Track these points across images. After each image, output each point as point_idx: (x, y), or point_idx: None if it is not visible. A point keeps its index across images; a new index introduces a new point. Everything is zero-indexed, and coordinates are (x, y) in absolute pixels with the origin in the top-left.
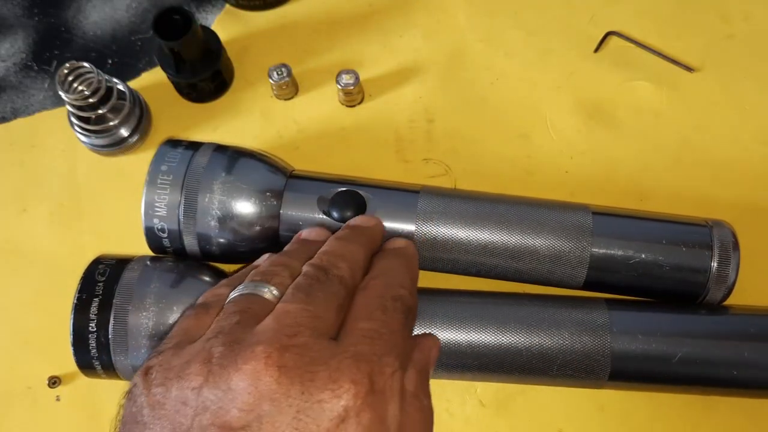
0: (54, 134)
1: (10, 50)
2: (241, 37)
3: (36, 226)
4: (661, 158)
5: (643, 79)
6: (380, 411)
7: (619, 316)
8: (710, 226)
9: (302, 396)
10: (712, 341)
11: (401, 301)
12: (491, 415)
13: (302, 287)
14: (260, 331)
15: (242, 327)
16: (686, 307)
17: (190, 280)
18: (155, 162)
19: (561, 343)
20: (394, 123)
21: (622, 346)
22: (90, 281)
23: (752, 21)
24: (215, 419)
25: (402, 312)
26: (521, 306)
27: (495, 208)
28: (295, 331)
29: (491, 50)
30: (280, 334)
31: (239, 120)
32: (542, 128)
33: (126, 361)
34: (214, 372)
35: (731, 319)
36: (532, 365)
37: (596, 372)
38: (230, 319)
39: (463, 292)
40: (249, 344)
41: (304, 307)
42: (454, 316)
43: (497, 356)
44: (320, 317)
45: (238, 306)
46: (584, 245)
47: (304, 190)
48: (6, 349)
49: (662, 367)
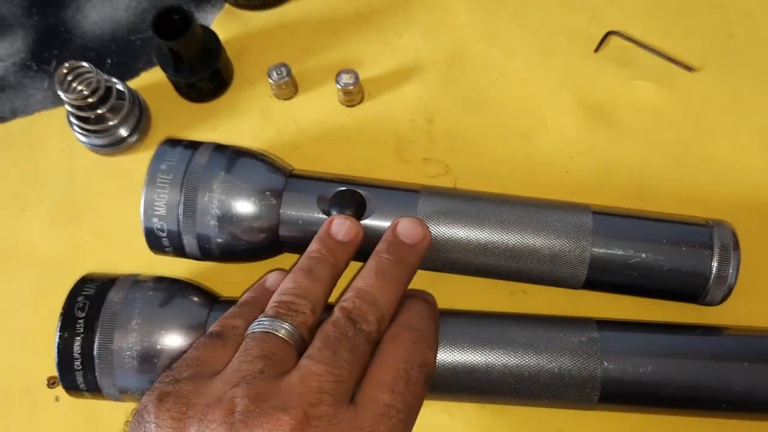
0: (53, 134)
1: (10, 50)
2: (240, 37)
3: (35, 226)
4: (661, 158)
5: (643, 79)
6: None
7: (610, 337)
8: (711, 226)
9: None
10: (706, 362)
11: (425, 370)
12: (491, 416)
13: (330, 343)
14: (285, 390)
15: (266, 378)
16: (678, 328)
17: (177, 300)
18: (154, 161)
19: (550, 366)
20: (394, 123)
21: (612, 368)
22: (74, 302)
23: (753, 21)
24: None
25: (423, 382)
26: (510, 327)
27: (495, 207)
28: (319, 399)
29: (491, 50)
30: (304, 401)
31: (238, 120)
32: (542, 128)
33: (111, 382)
34: (236, 428)
35: (724, 340)
36: (520, 386)
37: (586, 394)
38: (253, 365)
39: (453, 312)
40: (274, 407)
41: (330, 369)
42: (443, 338)
43: (486, 379)
44: (343, 381)
45: (260, 349)
46: (584, 245)
47: (304, 190)
48: (5, 350)
49: (654, 390)
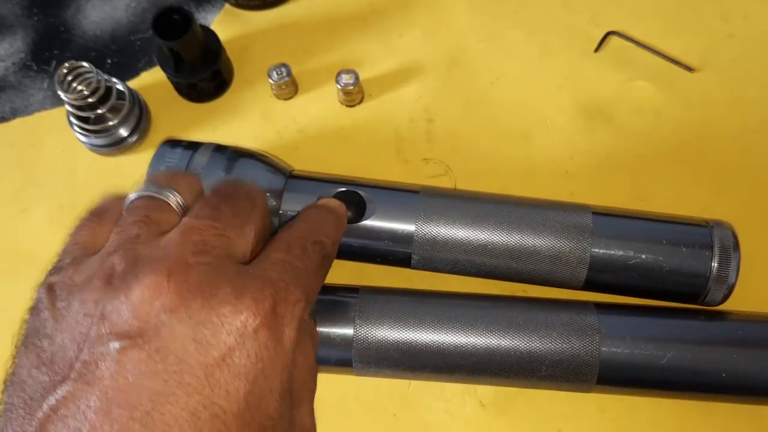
0: (53, 134)
1: (10, 50)
2: (240, 37)
3: (35, 227)
4: (661, 158)
5: (643, 79)
6: (278, 332)
7: (609, 320)
8: (710, 227)
9: (202, 309)
10: (702, 346)
11: (321, 246)
12: (491, 416)
13: (210, 202)
14: (164, 245)
15: (144, 241)
16: (677, 311)
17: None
18: (154, 162)
19: (549, 345)
20: (394, 123)
21: (610, 349)
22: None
23: (752, 21)
24: (113, 328)
25: (320, 255)
26: (510, 308)
27: (495, 208)
28: (202, 249)
29: (491, 50)
30: (185, 250)
31: (239, 120)
32: (542, 128)
33: None
34: (114, 285)
35: (722, 324)
36: (520, 367)
37: (584, 375)
38: (130, 230)
39: (452, 294)
40: (151, 259)
41: (212, 224)
42: (442, 318)
43: (485, 358)
44: (229, 238)
45: (139, 213)
46: (584, 246)
47: (304, 191)
48: (4, 350)
49: (651, 371)
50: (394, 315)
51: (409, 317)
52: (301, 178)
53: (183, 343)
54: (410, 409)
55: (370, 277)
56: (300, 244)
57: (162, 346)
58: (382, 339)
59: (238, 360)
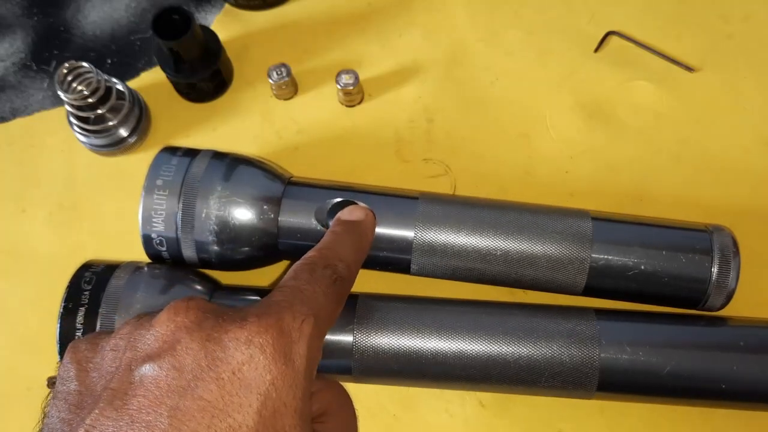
0: (53, 134)
1: (9, 50)
2: (240, 37)
3: (35, 227)
4: (661, 158)
5: (643, 79)
6: (286, 348)
7: (609, 327)
8: (710, 232)
9: (213, 327)
10: (703, 352)
11: (332, 270)
12: (491, 416)
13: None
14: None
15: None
16: (677, 317)
17: (178, 287)
18: (152, 170)
19: (549, 354)
20: (393, 123)
21: (610, 357)
22: (76, 289)
23: (752, 21)
24: (137, 354)
25: (330, 278)
26: (510, 317)
27: (494, 214)
28: None
29: (491, 50)
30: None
31: (238, 120)
32: (542, 128)
33: None
34: (143, 320)
35: (722, 330)
36: (521, 376)
37: (584, 384)
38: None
39: (453, 300)
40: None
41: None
42: (442, 326)
43: (485, 367)
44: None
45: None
46: (584, 253)
47: (303, 198)
48: (5, 350)
49: (651, 378)
50: (393, 322)
51: (409, 325)
52: (299, 184)
53: (196, 358)
54: (410, 410)
55: (369, 284)
56: (308, 269)
57: (178, 363)
58: (382, 347)
59: (248, 373)
